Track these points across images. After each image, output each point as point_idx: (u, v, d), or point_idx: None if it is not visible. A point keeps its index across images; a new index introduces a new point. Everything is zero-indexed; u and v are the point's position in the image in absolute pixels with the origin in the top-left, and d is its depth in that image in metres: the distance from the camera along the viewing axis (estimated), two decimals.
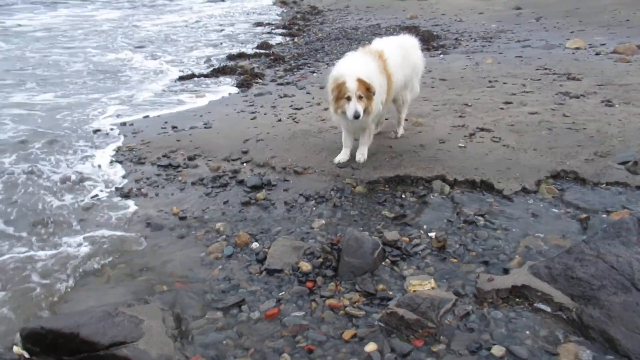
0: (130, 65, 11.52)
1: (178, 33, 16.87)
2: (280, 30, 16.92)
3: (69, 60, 11.82)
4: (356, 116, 4.56)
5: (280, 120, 6.79)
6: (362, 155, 5.25)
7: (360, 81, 4.60)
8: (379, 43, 5.31)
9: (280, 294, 3.33)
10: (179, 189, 4.97)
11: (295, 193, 4.75)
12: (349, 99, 4.61)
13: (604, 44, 11.04)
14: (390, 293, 3.26)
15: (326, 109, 6.97)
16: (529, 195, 4.46)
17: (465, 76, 8.85)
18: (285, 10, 24.44)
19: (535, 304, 3.03)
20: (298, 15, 21.12)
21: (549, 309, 2.98)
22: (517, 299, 3.10)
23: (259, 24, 18.70)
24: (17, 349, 2.79)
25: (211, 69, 10.90)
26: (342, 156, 5.31)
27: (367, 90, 4.63)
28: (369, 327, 2.96)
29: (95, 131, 6.74)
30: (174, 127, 6.77)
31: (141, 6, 26.55)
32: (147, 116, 7.51)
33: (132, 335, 2.83)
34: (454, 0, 22.97)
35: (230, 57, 12.09)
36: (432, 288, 3.25)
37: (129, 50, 13.46)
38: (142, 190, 4.95)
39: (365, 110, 4.65)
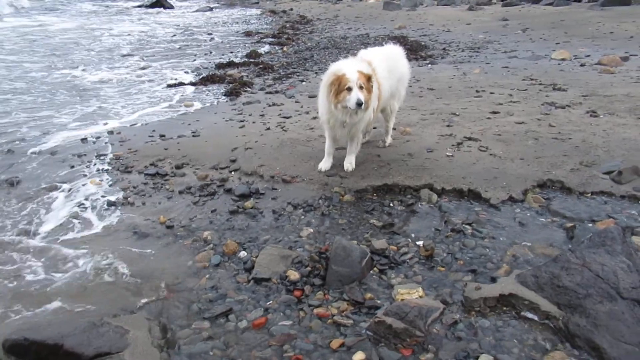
0: (120, 75, 11.46)
1: (163, 42, 16.84)
2: (269, 39, 16.95)
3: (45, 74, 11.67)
4: (359, 103, 4.50)
5: (268, 128, 6.79)
6: (350, 164, 5.26)
7: (361, 72, 4.60)
8: (365, 53, 5.34)
9: (268, 303, 3.31)
10: (167, 198, 4.93)
11: (283, 202, 4.74)
12: (349, 89, 4.56)
13: (588, 56, 11.22)
14: (378, 302, 3.26)
15: (315, 118, 6.99)
16: (515, 204, 4.50)
17: (452, 86, 8.93)
18: (274, 20, 24.52)
19: (522, 313, 3.05)
20: (287, 25, 21.18)
21: (536, 318, 3.00)
22: (505, 308, 3.11)
23: (247, 33, 18.73)
24: None
25: (199, 77, 10.87)
26: (325, 164, 5.31)
27: (367, 82, 4.62)
28: (357, 336, 2.95)
29: (83, 140, 6.69)
30: (161, 136, 6.73)
31: (125, 14, 26.45)
32: (135, 124, 7.47)
33: (117, 346, 2.80)
34: (442, 11, 23.25)
35: (219, 66, 12.08)
36: (420, 297, 3.25)
37: (110, 60, 13.41)
38: (129, 199, 4.90)
39: (364, 104, 4.59)
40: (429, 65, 11.27)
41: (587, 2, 21.81)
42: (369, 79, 4.65)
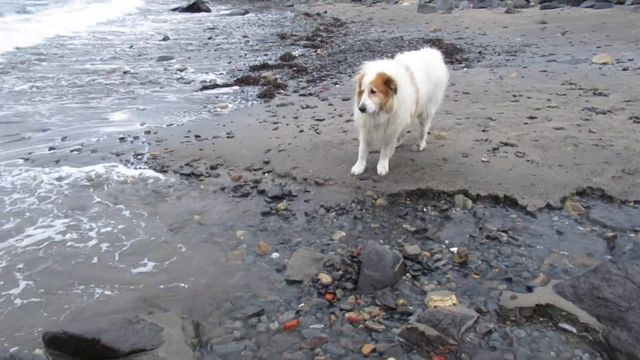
0: (160, 76, 11.71)
1: (199, 44, 17.11)
2: (303, 42, 17.01)
3: None
4: (361, 108, 4.51)
5: (302, 131, 6.82)
6: (383, 167, 5.23)
7: (380, 74, 4.51)
8: (403, 58, 5.29)
9: (300, 305, 3.32)
10: (201, 197, 5.00)
11: (315, 204, 4.75)
12: (362, 93, 4.57)
13: (632, 60, 10.87)
14: (411, 308, 3.23)
15: (348, 121, 6.99)
16: (553, 212, 4.39)
17: (489, 90, 8.78)
18: (308, 22, 24.61)
19: (559, 324, 2.97)
20: (321, 27, 21.22)
21: (574, 330, 2.92)
22: (541, 318, 3.04)
23: (282, 36, 18.85)
24: None
25: (234, 79, 11.00)
26: (358, 167, 5.29)
27: (384, 84, 4.51)
28: (389, 342, 2.93)
29: (121, 139, 6.85)
30: (197, 136, 6.83)
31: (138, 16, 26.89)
32: (171, 125, 7.61)
33: (152, 343, 2.85)
34: (478, 14, 22.92)
35: (253, 68, 12.18)
36: (454, 304, 3.20)
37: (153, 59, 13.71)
38: (165, 197, 4.99)
39: (382, 107, 4.57)
40: (465, 69, 11.11)
41: (630, 4, 21.13)
42: (387, 81, 4.53)
